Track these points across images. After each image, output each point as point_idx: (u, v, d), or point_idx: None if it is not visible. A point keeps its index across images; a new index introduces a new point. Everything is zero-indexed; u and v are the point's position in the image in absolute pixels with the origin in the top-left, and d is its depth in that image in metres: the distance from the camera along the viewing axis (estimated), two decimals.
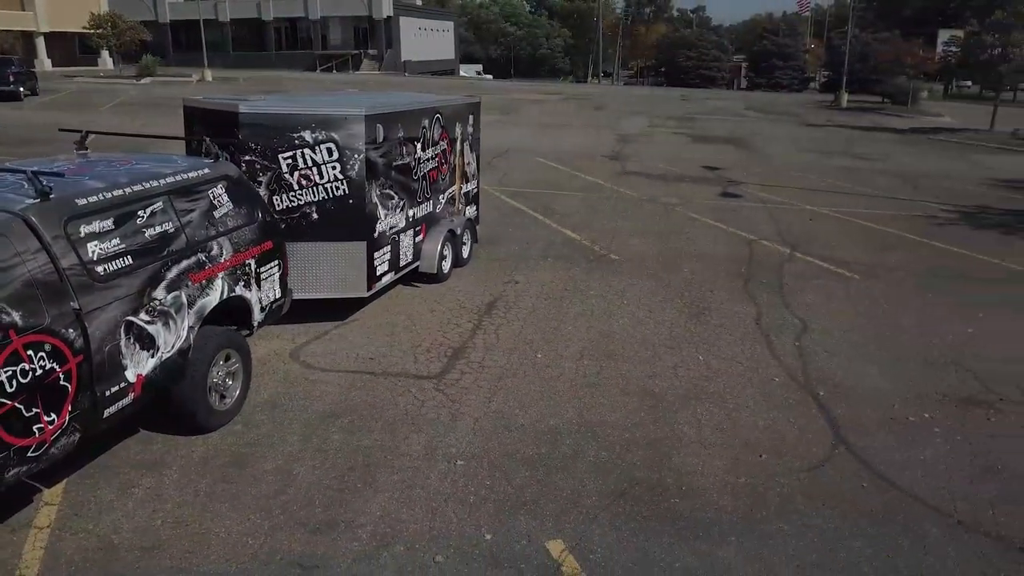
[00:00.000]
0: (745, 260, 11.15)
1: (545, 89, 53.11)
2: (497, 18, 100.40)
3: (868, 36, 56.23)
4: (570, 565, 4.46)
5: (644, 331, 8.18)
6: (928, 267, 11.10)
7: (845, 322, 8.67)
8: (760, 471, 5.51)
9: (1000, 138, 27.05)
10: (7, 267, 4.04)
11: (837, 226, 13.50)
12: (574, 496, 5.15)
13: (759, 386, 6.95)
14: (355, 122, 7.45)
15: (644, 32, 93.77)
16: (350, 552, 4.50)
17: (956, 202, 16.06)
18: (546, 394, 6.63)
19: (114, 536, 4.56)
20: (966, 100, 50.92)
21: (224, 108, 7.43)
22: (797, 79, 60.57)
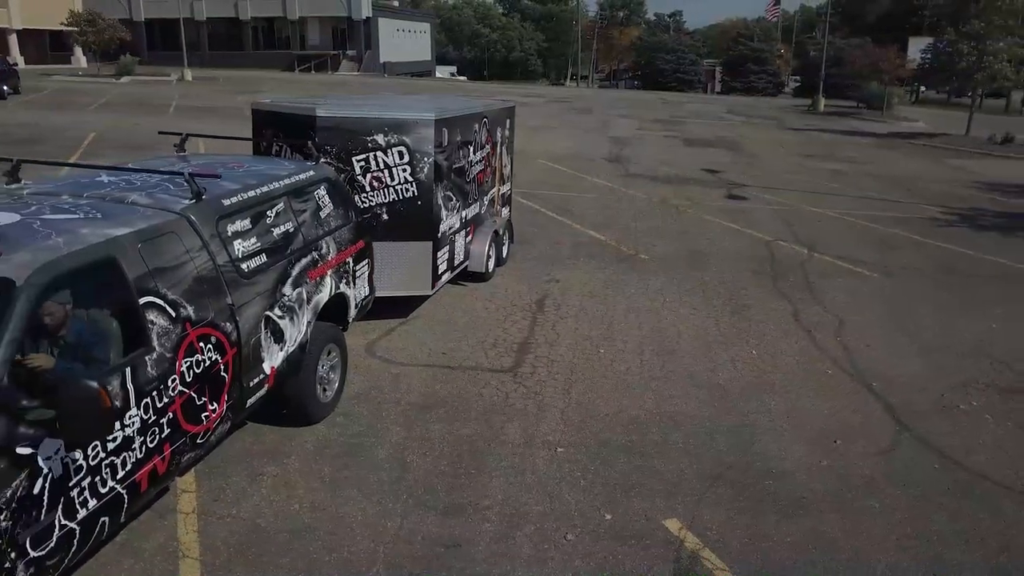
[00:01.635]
0: (767, 259, 11.62)
1: (526, 92, 53.47)
2: (471, 20, 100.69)
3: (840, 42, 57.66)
4: (691, 540, 4.81)
5: (692, 327, 8.57)
6: (939, 266, 11.66)
7: (875, 318, 9.14)
8: (838, 455, 5.92)
9: (977, 143, 28.02)
10: (179, 264, 4.28)
11: (845, 227, 14.05)
12: (675, 479, 5.50)
13: (814, 378, 7.38)
14: (425, 126, 7.73)
15: (618, 35, 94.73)
16: (485, 532, 4.81)
17: (950, 205, 16.73)
18: (619, 386, 6.98)
19: (259, 520, 4.81)
20: (932, 105, 52.36)
21: (300, 112, 7.66)
22: (771, 83, 61.80)
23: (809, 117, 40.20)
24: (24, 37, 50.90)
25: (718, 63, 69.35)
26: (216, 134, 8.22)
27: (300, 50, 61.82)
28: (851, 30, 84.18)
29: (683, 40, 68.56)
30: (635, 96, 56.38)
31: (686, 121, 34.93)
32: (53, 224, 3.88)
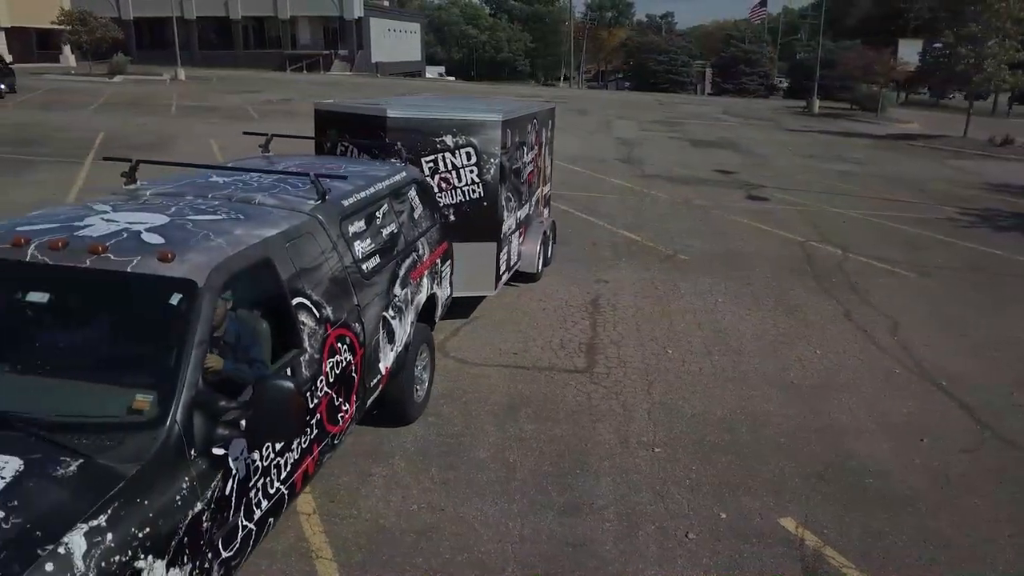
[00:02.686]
0: (804, 260, 11.72)
1: (519, 92, 53.50)
2: (458, 20, 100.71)
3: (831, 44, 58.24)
4: (810, 538, 4.85)
5: (752, 327, 8.63)
6: (970, 266, 11.82)
7: (924, 317, 9.26)
8: (928, 453, 6.00)
9: (977, 144, 28.40)
10: (317, 265, 4.27)
11: (870, 228, 14.19)
12: (778, 478, 5.55)
13: (884, 377, 7.46)
14: (493, 127, 7.73)
15: (606, 36, 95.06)
16: (608, 532, 4.83)
17: (964, 206, 16.96)
18: (697, 387, 7.02)
19: (382, 520, 4.80)
20: (921, 107, 52.98)
21: (371, 112, 7.64)
22: (763, 85, 62.29)
23: (805, 119, 40.54)
24: (11, 35, 50.22)
25: (708, 64, 69.79)
26: (292, 134, 8.16)
27: (291, 50, 61.48)
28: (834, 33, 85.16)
29: (675, 41, 68.93)
30: (629, 97, 56.59)
31: (685, 122, 35.13)
32: (205, 225, 3.85)
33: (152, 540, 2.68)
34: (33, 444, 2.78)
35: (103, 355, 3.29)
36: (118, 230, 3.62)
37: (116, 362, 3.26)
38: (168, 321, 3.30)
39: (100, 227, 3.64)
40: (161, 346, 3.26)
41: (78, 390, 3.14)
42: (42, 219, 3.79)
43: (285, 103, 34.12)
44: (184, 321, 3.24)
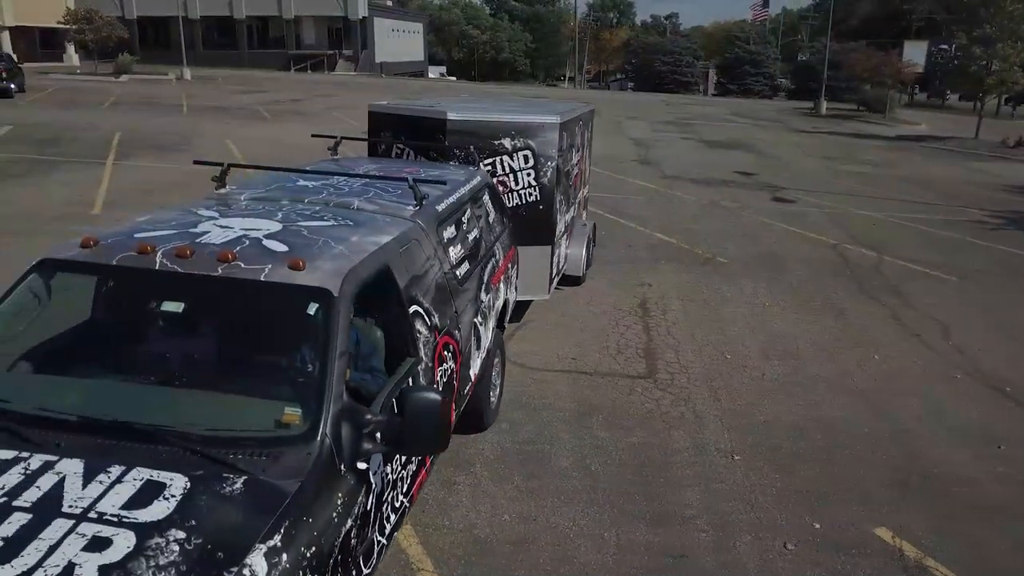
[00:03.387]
0: (842, 263, 11.66)
1: (523, 93, 53.43)
2: (459, 20, 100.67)
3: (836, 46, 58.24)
4: (909, 549, 4.79)
5: (804, 331, 8.57)
6: (1008, 269, 11.78)
7: (973, 320, 9.20)
8: (1009, 461, 5.94)
9: (990, 146, 28.39)
10: (424, 271, 4.19)
11: (901, 231, 14.15)
12: (862, 487, 5.48)
13: (945, 382, 7.40)
14: (551, 129, 7.66)
15: (608, 37, 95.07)
16: (704, 542, 4.76)
17: (990, 208, 16.93)
18: (763, 393, 6.95)
19: (476, 531, 4.72)
20: (927, 109, 53.03)
21: (430, 114, 7.56)
22: (768, 86, 62.32)
23: (813, 120, 40.53)
24: (15, 34, 49.99)
25: (712, 65, 69.81)
26: (358, 136, 8.10)
27: (295, 49, 61.35)
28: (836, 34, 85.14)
29: (680, 42, 68.93)
30: (636, 98, 56.54)
31: (695, 123, 35.09)
32: (320, 232, 3.77)
33: (316, 559, 2.60)
34: (192, 460, 2.70)
35: (242, 367, 3.22)
36: (237, 236, 3.53)
37: (257, 374, 3.18)
38: (307, 331, 3.22)
39: (218, 233, 3.56)
40: (303, 357, 3.18)
41: (221, 403, 3.06)
42: (155, 224, 3.70)
43: (294, 103, 34.03)
44: (324, 331, 3.15)
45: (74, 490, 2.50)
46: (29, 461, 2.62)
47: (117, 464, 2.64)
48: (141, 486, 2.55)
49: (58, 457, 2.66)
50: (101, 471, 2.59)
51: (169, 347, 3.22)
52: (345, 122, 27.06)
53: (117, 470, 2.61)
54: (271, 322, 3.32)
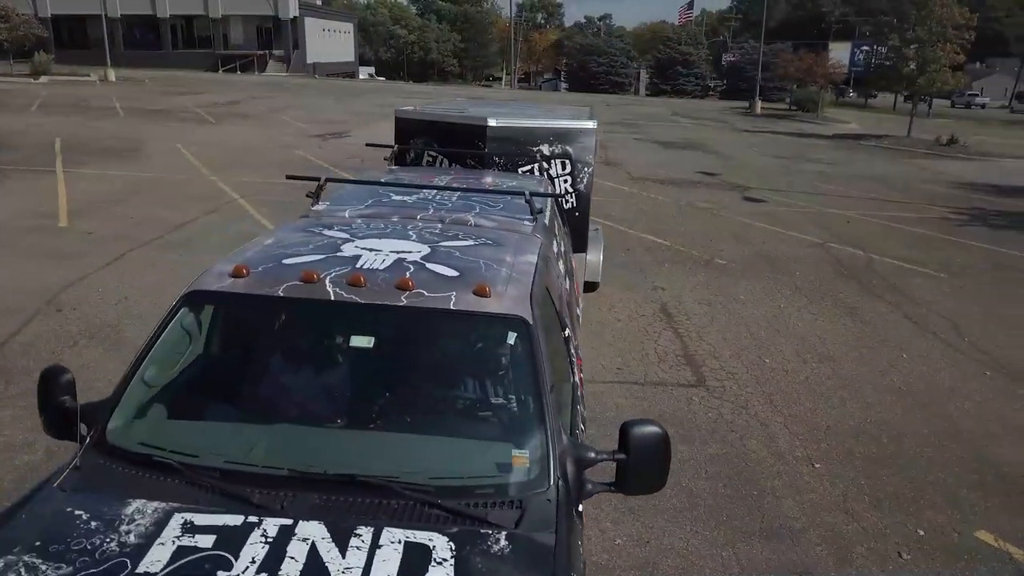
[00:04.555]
0: (835, 262, 11.89)
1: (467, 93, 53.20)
2: (386, 20, 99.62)
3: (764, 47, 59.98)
4: (1016, 552, 4.83)
5: (829, 332, 8.66)
6: (991, 264, 12.22)
7: (980, 318, 9.47)
8: None
9: (925, 144, 29.60)
10: (559, 290, 3.98)
11: (877, 229, 14.54)
12: (947, 489, 5.52)
13: (979, 380, 7.57)
14: (588, 135, 7.52)
15: (538, 38, 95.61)
16: (822, 556, 4.69)
17: (949, 205, 17.60)
18: (814, 397, 6.97)
19: (594, 558, 4.54)
20: (851, 107, 55.11)
21: (469, 120, 7.31)
22: (699, 86, 63.64)
23: (752, 119, 41.57)
24: None
25: (643, 66, 70.90)
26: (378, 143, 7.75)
27: (223, 50, 59.50)
28: (755, 35, 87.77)
29: (614, 43, 69.75)
30: (574, 98, 56.89)
31: (641, 124, 35.51)
32: (471, 252, 3.51)
33: None
34: (437, 515, 2.44)
35: (445, 405, 2.94)
36: (395, 260, 3.26)
37: (464, 413, 2.92)
38: (510, 363, 2.98)
39: (371, 257, 3.27)
40: (510, 391, 2.93)
41: (436, 447, 2.79)
42: (292, 248, 3.38)
43: (234, 105, 32.95)
44: (529, 362, 2.91)
45: (336, 560, 2.21)
46: (264, 527, 2.32)
47: (362, 525, 2.35)
48: (405, 551, 2.27)
49: (292, 520, 2.36)
50: (350, 535, 2.31)
51: (354, 385, 2.92)
52: (293, 124, 26.33)
53: (367, 533, 2.33)
54: (468, 355, 3.06)
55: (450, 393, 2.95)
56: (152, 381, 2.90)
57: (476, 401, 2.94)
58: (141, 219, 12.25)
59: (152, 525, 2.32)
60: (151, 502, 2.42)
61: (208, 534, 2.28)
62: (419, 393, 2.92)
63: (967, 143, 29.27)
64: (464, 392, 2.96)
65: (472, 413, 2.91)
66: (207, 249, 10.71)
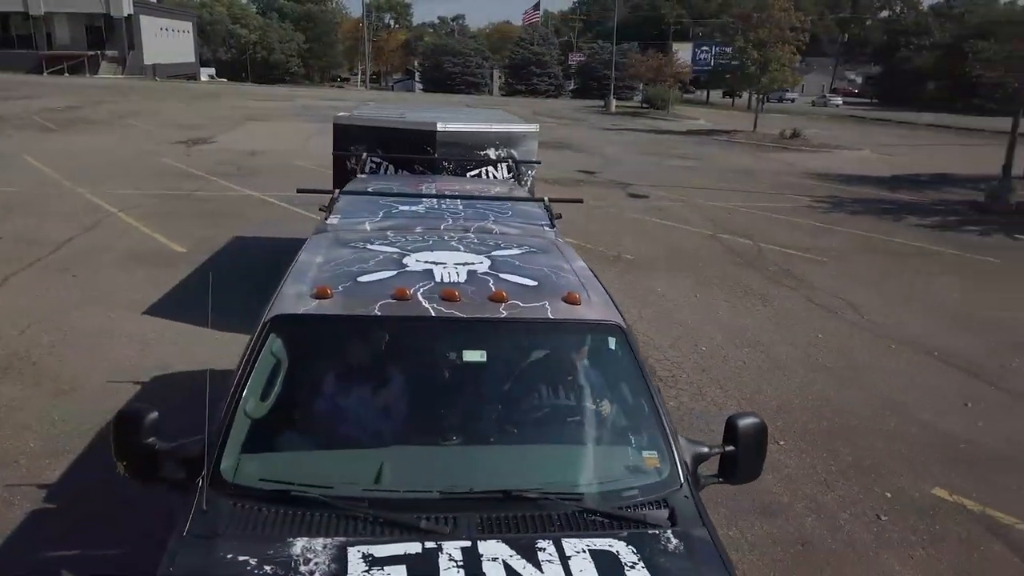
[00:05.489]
0: (729, 252, 12.67)
1: (322, 94, 51.95)
2: (224, 19, 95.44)
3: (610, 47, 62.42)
4: (969, 503, 5.42)
5: (748, 318, 9.25)
6: (864, 248, 13.43)
7: (870, 296, 10.41)
8: (981, 415, 6.87)
9: (772, 138, 31.88)
10: None
11: (755, 219, 15.59)
12: (898, 455, 6.10)
13: (889, 353, 8.36)
14: (532, 139, 7.69)
15: (387, 38, 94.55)
16: (816, 527, 5.07)
17: (810, 194, 19.11)
18: (759, 379, 7.46)
19: None
20: (695, 105, 58.43)
21: (417, 126, 7.25)
22: (553, 85, 65.28)
23: (609, 118, 43.12)
24: None
25: (495, 66, 71.85)
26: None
27: (48, 50, 54.73)
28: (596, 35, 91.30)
29: (468, 43, 70.16)
30: (435, 99, 56.77)
31: None
32: (530, 261, 3.56)
33: None
34: (601, 522, 2.48)
35: (561, 414, 2.96)
36: (469, 272, 3.26)
37: (581, 419, 2.95)
38: (615, 368, 3.05)
39: (442, 271, 3.26)
40: (624, 396, 3.00)
41: (567, 456, 2.81)
42: (357, 267, 3.30)
43: (74, 110, 30.52)
44: (633, 365, 3.01)
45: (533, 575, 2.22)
46: (447, 552, 2.27)
47: (539, 539, 2.37)
48: (594, 558, 2.30)
49: (470, 542, 2.33)
50: (535, 550, 2.31)
51: (468, 401, 2.89)
52: (147, 130, 24.78)
53: (548, 545, 2.33)
54: (573, 363, 3.09)
55: (563, 402, 2.99)
56: (253, 413, 2.75)
57: (591, 408, 2.99)
58: (13, 239, 11.21)
59: (332, 562, 2.23)
60: (315, 539, 2.32)
61: (396, 564, 2.22)
62: (532, 404, 2.94)
63: (807, 136, 31.82)
64: (576, 400, 3.01)
65: (590, 420, 2.97)
66: (100, 267, 9.99)
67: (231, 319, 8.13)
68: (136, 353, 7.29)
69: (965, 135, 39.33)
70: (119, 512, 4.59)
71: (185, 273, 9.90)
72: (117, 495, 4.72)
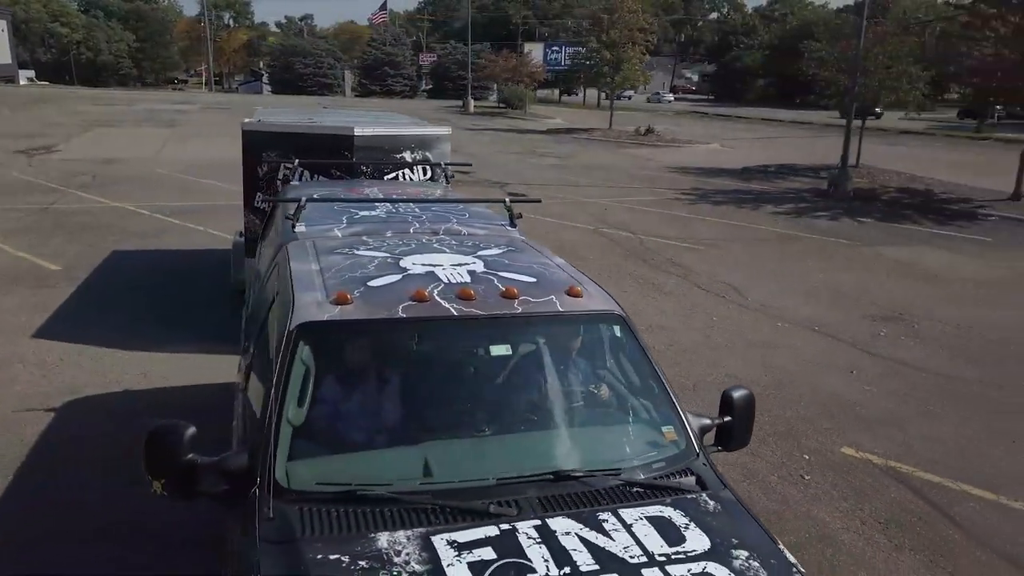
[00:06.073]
0: (614, 245, 13.29)
1: (168, 98, 49.25)
2: (42, 17, 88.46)
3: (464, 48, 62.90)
4: (874, 458, 6.09)
5: (649, 306, 9.79)
6: (732, 237, 14.44)
7: (749, 279, 11.27)
8: (866, 380, 7.67)
9: (628, 134, 33.38)
10: None
11: (630, 212, 16.39)
12: (806, 421, 6.72)
13: (780, 331, 9.12)
14: (444, 141, 7.80)
15: (227, 37, 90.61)
16: (753, 490, 5.54)
17: (674, 187, 20.25)
18: (670, 362, 7.79)
19: None
20: (548, 104, 60.04)
21: (334, 131, 7.18)
22: (408, 86, 64.93)
23: (469, 118, 43.53)
24: None
25: (347, 67, 70.63)
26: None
27: None
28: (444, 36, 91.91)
29: (319, 44, 68.43)
30: (289, 101, 55.08)
31: None
32: (517, 259, 3.73)
33: None
34: (642, 493, 2.70)
35: (582, 398, 3.14)
36: (469, 272, 3.40)
37: (601, 403, 3.14)
38: (623, 353, 3.27)
39: (443, 272, 3.38)
40: (634, 378, 3.22)
41: (597, 437, 3.01)
42: (360, 272, 3.34)
43: None
44: (637, 349, 3.26)
45: (609, 544, 2.38)
46: (523, 531, 2.40)
47: (600, 512, 2.55)
48: (653, 524, 2.51)
49: (539, 520, 2.47)
50: (598, 521, 2.49)
51: (498, 392, 3.02)
52: None
53: (610, 516, 2.52)
54: (586, 351, 3.28)
55: (584, 387, 3.19)
56: (294, 420, 2.77)
57: (610, 390, 3.21)
58: None
59: (422, 551, 2.32)
60: (396, 532, 2.40)
61: (481, 547, 2.35)
62: (557, 390, 3.12)
63: (661, 132, 33.56)
64: (596, 384, 3.21)
65: (612, 401, 3.18)
66: None
67: (138, 336, 7.79)
68: (38, 379, 6.82)
69: (797, 128, 42.82)
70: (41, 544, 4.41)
71: (67, 292, 9.28)
72: (40, 527, 4.53)
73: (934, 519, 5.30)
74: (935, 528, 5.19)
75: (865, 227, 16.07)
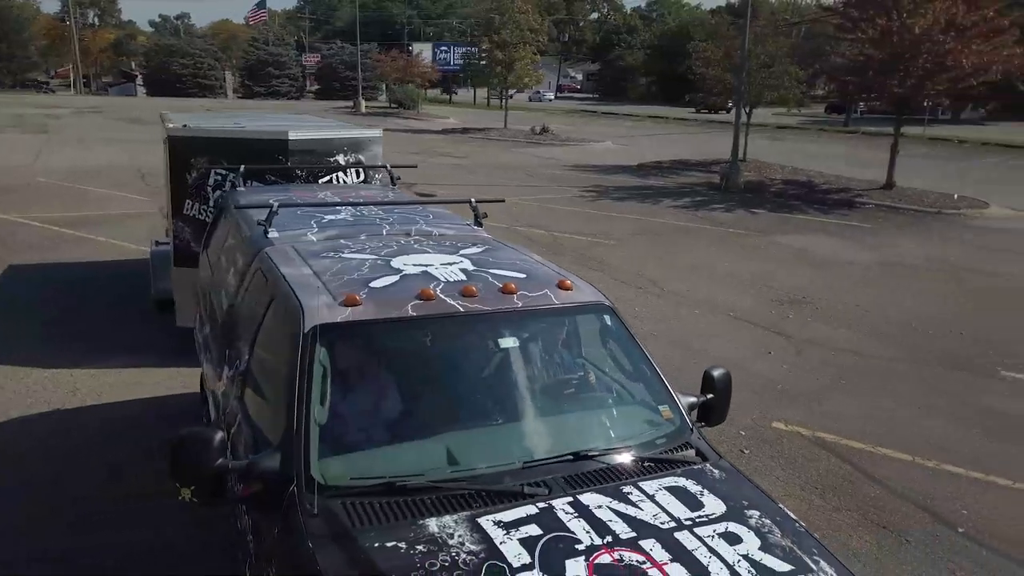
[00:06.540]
0: (531, 242, 13.51)
1: (36, 102, 46.19)
2: None
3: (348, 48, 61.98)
4: (803, 430, 6.60)
5: None
6: (638, 232, 15.02)
7: (663, 271, 11.82)
8: (784, 360, 8.25)
9: (524, 134, 33.87)
10: None
11: (539, 210, 16.74)
12: (737, 399, 7.16)
13: (696, 317, 9.64)
14: (376, 143, 7.82)
15: (92, 37, 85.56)
16: None
17: (575, 184, 20.78)
18: None
19: None
20: (438, 104, 60.03)
21: (267, 135, 7.08)
22: (294, 87, 63.31)
23: (362, 118, 42.96)
24: None
25: (228, 68, 68.22)
26: None
27: None
28: (325, 36, 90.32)
29: (198, 43, 65.65)
30: (174, 105, 52.69)
31: None
32: (496, 255, 3.90)
33: None
34: (657, 467, 2.92)
35: (583, 384, 3.33)
36: (462, 270, 3.55)
37: (601, 387, 3.34)
38: (616, 339, 3.49)
39: (437, 271, 3.51)
40: (626, 362, 3.44)
41: (604, 419, 3.21)
42: (357, 274, 3.43)
43: None
44: (628, 336, 3.49)
45: (638, 513, 2.58)
46: (560, 508, 2.57)
47: (623, 486, 2.76)
48: (671, 493, 2.74)
49: (571, 497, 2.65)
50: (624, 494, 2.68)
51: (510, 382, 3.16)
52: None
53: (633, 489, 2.72)
54: (584, 339, 3.48)
55: (587, 373, 3.40)
56: (319, 419, 2.85)
57: (610, 375, 3.43)
58: None
59: (472, 532, 2.46)
60: (442, 517, 2.53)
61: (527, 524, 2.51)
62: (564, 378, 3.32)
63: (555, 131, 34.23)
64: (597, 370, 3.43)
65: (614, 385, 3.40)
66: None
67: (59, 353, 7.43)
68: None
69: (683, 124, 44.60)
70: None
71: None
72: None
73: (861, 481, 5.82)
74: (863, 489, 5.70)
75: (758, 217, 17.04)
